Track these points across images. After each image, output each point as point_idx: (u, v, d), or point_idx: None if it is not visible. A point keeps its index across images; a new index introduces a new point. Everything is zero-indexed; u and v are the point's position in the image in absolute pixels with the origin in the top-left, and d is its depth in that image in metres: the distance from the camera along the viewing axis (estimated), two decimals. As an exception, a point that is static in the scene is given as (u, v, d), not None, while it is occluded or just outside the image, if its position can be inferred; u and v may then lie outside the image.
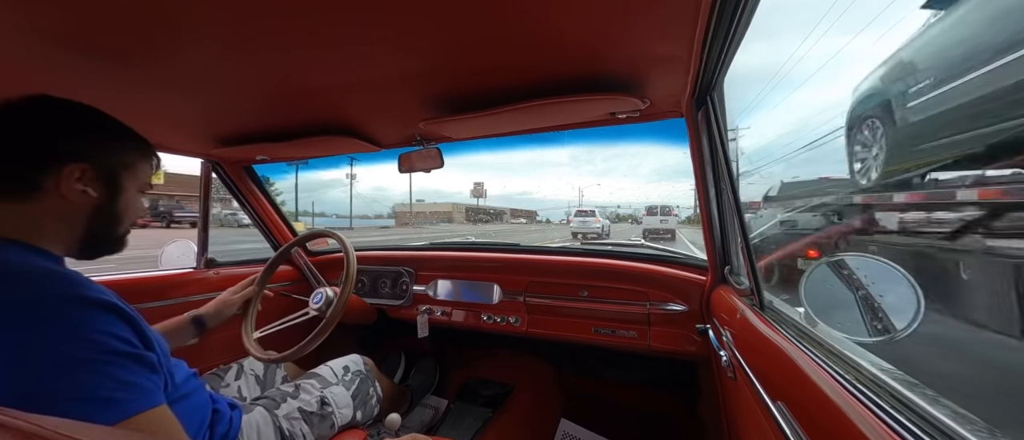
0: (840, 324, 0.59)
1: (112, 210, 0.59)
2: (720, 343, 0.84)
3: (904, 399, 0.37)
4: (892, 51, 2.34)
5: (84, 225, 0.56)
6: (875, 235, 2.21)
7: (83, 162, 0.53)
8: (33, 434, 0.32)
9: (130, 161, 0.60)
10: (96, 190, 0.55)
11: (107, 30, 0.56)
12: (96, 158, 0.55)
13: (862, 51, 53.96)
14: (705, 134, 0.84)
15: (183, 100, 0.85)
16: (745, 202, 0.96)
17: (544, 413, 1.48)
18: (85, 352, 0.44)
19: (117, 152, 0.59)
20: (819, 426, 0.41)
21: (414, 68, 0.71)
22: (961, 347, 1.51)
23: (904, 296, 0.55)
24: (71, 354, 0.43)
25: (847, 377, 0.42)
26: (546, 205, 60.86)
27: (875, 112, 2.36)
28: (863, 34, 62.71)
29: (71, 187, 0.53)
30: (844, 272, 0.64)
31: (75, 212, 0.55)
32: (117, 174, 0.58)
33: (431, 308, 1.46)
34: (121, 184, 0.59)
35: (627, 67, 0.72)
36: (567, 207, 61.38)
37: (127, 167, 0.60)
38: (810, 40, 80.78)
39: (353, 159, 19.13)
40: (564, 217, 57.86)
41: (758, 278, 0.72)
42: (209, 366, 1.03)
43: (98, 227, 0.58)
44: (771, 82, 48.46)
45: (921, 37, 2.13)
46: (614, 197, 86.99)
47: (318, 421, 0.86)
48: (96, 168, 0.55)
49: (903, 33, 2.45)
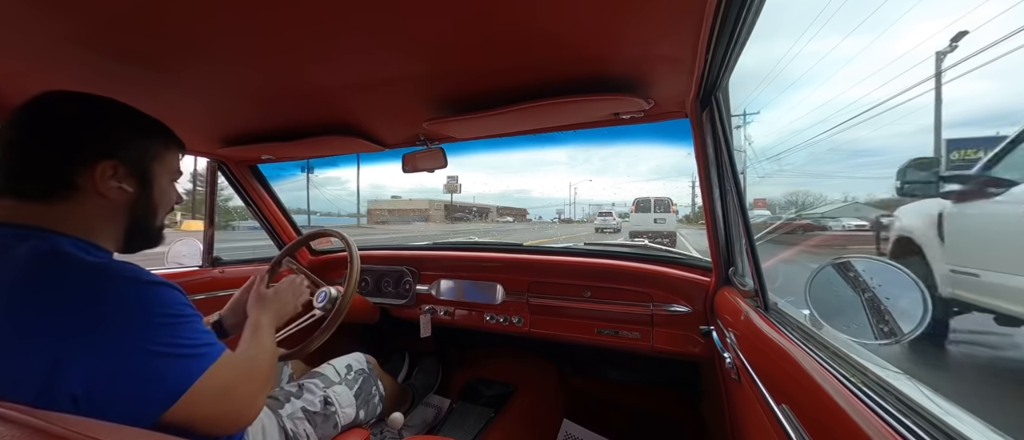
0: (846, 327, 0.59)
1: (148, 203, 0.60)
2: (724, 345, 0.83)
3: (912, 404, 0.36)
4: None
5: (125, 220, 0.58)
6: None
7: (112, 159, 0.53)
8: (43, 430, 0.33)
9: (156, 152, 0.60)
10: (131, 185, 0.56)
11: (121, 29, 0.56)
12: (124, 154, 0.55)
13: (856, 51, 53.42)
14: (710, 134, 0.83)
15: (190, 100, 0.85)
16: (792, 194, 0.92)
17: (546, 413, 1.47)
18: (166, 318, 0.49)
19: (143, 144, 0.59)
20: (824, 430, 0.41)
21: (419, 69, 0.71)
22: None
23: (911, 298, 0.55)
24: (157, 321, 0.48)
25: (853, 380, 0.42)
26: (543, 203, 59.99)
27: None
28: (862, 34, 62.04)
29: (107, 184, 0.53)
30: (850, 274, 0.64)
31: (116, 208, 0.56)
32: (147, 167, 0.59)
33: (434, 308, 1.46)
34: (152, 176, 0.59)
35: (632, 68, 0.71)
36: (560, 205, 60.86)
37: (155, 158, 0.60)
38: (803, 40, 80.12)
39: (309, 166, 19.20)
40: (555, 216, 56.98)
41: (762, 279, 0.71)
42: None
43: (137, 221, 0.59)
44: (766, 80, 48.61)
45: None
46: (607, 195, 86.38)
47: (322, 421, 0.86)
48: (126, 164, 0.55)
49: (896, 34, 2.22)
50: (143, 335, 0.47)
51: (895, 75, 43.45)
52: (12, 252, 0.46)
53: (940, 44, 10.06)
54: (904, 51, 52.77)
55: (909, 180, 1.87)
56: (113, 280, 0.48)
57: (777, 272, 0.66)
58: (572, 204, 60.18)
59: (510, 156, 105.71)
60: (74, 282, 0.46)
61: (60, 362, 0.42)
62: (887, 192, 13.86)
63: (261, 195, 1.57)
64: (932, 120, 8.93)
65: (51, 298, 0.44)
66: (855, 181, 41.28)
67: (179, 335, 0.49)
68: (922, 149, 16.61)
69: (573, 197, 60.68)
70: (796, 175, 42.20)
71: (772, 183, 36.82)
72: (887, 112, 19.54)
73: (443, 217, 46.83)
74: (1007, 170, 1.62)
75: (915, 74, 22.39)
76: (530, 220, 58.98)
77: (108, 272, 0.48)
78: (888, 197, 13.52)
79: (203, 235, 1.44)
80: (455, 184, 47.50)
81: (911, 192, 1.88)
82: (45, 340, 0.43)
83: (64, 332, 0.43)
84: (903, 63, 46.93)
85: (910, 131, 31.82)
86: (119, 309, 0.46)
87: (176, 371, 0.48)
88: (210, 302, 1.35)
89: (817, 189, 47.90)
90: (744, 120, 30.07)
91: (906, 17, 56.51)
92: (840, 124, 19.10)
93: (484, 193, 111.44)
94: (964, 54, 10.30)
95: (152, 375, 0.46)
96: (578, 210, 58.78)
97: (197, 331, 0.52)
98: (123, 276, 0.48)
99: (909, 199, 2.00)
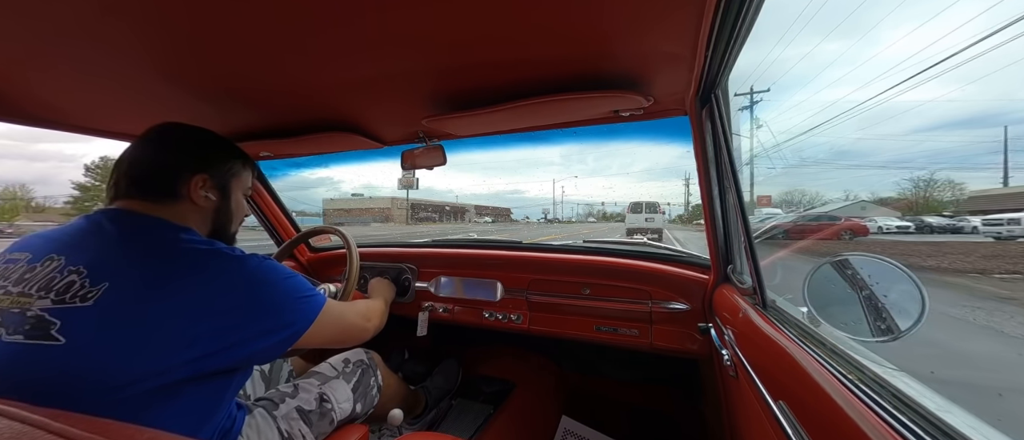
0: (843, 324, 0.59)
1: (227, 211, 0.74)
2: (722, 342, 0.84)
3: (908, 400, 0.36)
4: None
5: (211, 223, 0.72)
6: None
7: (204, 173, 0.69)
8: (43, 426, 0.33)
9: (236, 170, 0.76)
10: (214, 195, 0.71)
11: (119, 18, 0.56)
12: (212, 170, 0.71)
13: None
14: (709, 132, 0.83)
15: (188, 96, 0.85)
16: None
17: (546, 410, 1.48)
18: (283, 273, 0.67)
19: (226, 163, 0.74)
20: (821, 426, 0.41)
21: (418, 65, 0.71)
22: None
23: (908, 295, 0.55)
24: (276, 278, 0.65)
25: (850, 377, 0.42)
26: (542, 203, 58.97)
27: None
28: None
29: (198, 193, 0.68)
30: (848, 272, 0.64)
31: (205, 213, 0.71)
32: (228, 182, 0.74)
33: (433, 305, 1.46)
34: (230, 189, 0.75)
35: (632, 64, 0.71)
36: (547, 204, 60.12)
37: (235, 175, 0.76)
38: (797, 43, 78.90)
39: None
40: (541, 216, 56.01)
41: (760, 277, 0.71)
42: None
43: (219, 225, 0.74)
44: (760, 81, 48.44)
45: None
46: (599, 194, 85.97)
47: (317, 419, 0.86)
48: (213, 178, 0.71)
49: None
50: (271, 292, 0.63)
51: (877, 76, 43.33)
52: (150, 234, 0.62)
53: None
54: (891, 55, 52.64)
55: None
56: (233, 256, 0.63)
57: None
58: (560, 203, 59.28)
59: (506, 155, 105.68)
60: (218, 265, 0.61)
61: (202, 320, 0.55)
62: (888, 191, 13.67)
63: (260, 193, 1.56)
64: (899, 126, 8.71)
65: (202, 275, 0.58)
66: (846, 179, 41.21)
67: (299, 283, 0.68)
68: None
69: (561, 196, 59.84)
70: (790, 174, 41.85)
71: (771, 183, 36.29)
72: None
73: (406, 217, 43.67)
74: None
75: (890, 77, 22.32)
76: (515, 221, 57.51)
77: (223, 248, 0.63)
78: (890, 195, 13.07)
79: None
80: (411, 178, 45.82)
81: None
82: (186, 299, 0.55)
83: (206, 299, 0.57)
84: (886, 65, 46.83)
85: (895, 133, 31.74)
86: (245, 274, 0.61)
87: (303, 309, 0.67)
88: None
89: (810, 187, 47.43)
90: (750, 100, 27.66)
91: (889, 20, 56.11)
92: (824, 123, 18.74)
93: (479, 193, 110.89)
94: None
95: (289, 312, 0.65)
96: (567, 209, 58.20)
97: (304, 281, 0.71)
98: (239, 254, 0.64)
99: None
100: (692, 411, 1.42)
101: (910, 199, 16.28)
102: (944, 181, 18.01)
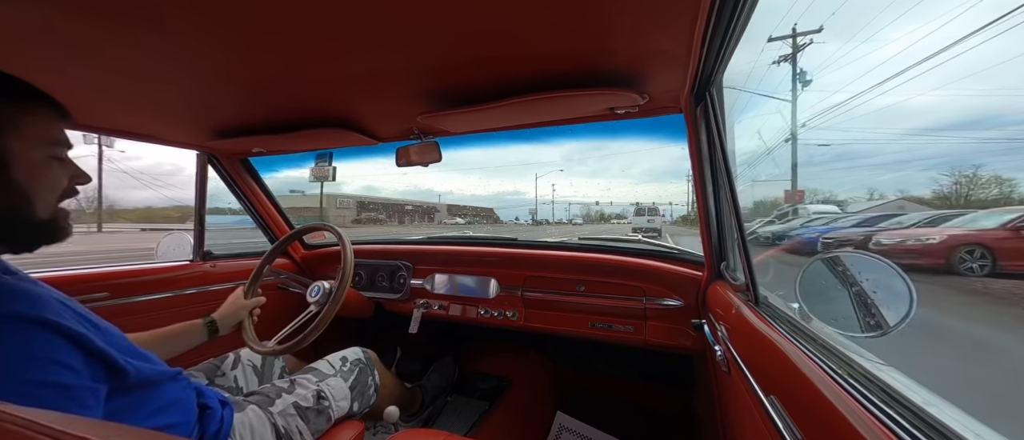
0: (834, 320, 0.60)
1: (10, 187, 0.47)
2: (715, 338, 0.85)
3: (894, 393, 0.37)
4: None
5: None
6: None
7: None
8: (27, 426, 0.32)
9: (5, 119, 0.47)
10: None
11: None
12: None
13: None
14: (704, 129, 0.84)
15: (178, 91, 0.84)
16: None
17: (540, 406, 1.49)
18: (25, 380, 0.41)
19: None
20: (811, 420, 0.42)
21: (412, 60, 0.70)
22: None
23: (896, 290, 0.56)
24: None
25: (839, 372, 0.42)
26: (538, 203, 58.09)
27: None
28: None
29: None
30: (838, 268, 0.65)
31: None
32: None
33: (428, 302, 1.46)
34: (6, 151, 0.46)
35: (627, 61, 0.71)
36: (558, 207, 59.82)
37: (6, 128, 0.47)
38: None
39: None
40: (529, 217, 55.10)
41: (753, 274, 0.72)
42: (206, 355, 1.03)
43: (3, 212, 0.47)
44: (752, 81, 47.04)
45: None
46: (598, 194, 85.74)
47: (314, 416, 0.86)
48: None
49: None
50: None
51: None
52: None
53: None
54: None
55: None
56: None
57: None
58: (548, 203, 58.61)
59: (506, 156, 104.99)
60: None
61: None
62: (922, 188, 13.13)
63: (253, 189, 1.55)
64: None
65: None
66: (847, 178, 40.76)
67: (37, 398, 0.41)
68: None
69: (552, 195, 59.22)
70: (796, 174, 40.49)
71: (771, 183, 34.66)
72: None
73: (352, 218, 37.67)
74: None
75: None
76: (502, 222, 54.35)
77: None
78: (922, 194, 12.25)
79: (194, 230, 1.42)
80: (325, 168, 30.84)
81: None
82: None
83: None
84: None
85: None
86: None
87: None
88: (202, 296, 1.34)
89: (812, 186, 46.49)
90: (792, 45, 14.87)
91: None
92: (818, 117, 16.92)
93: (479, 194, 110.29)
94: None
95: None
96: (560, 210, 57.58)
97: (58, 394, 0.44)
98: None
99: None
100: (685, 406, 1.44)
101: (948, 196, 15.59)
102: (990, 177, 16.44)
